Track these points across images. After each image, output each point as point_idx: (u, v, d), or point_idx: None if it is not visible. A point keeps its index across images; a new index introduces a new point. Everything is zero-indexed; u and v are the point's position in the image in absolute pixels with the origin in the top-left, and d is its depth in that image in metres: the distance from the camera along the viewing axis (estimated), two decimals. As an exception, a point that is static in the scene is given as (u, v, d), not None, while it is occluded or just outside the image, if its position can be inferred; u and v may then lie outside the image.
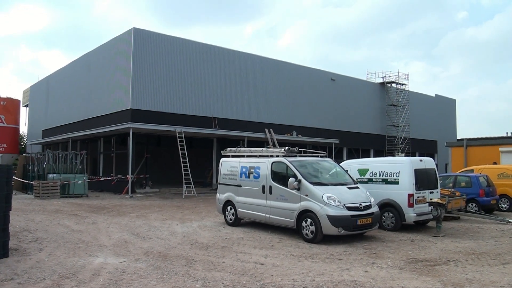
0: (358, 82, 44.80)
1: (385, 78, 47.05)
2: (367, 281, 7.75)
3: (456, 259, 9.79)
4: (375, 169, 14.55)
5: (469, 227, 15.10)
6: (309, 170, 12.80)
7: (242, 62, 34.64)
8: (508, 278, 8.20)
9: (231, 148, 15.86)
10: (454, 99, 58.66)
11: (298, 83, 38.17)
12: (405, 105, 46.00)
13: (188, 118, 30.18)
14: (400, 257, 9.88)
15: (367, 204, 11.99)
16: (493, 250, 11.02)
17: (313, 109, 39.10)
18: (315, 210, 11.48)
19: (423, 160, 14.62)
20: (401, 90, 47.01)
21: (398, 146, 44.85)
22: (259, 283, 7.56)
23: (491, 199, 18.89)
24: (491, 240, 12.45)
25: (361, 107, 44.02)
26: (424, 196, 13.78)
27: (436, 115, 52.80)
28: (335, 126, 40.41)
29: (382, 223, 13.60)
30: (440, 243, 11.81)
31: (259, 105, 35.08)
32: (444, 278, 8.15)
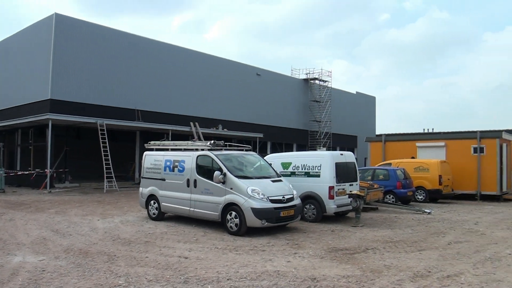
0: (283, 78, 45.53)
1: (309, 74, 48.13)
2: (289, 271, 7.97)
3: (374, 247, 10.30)
4: (297, 162, 14.92)
5: (387, 217, 15.88)
6: (234, 164, 12.90)
7: (168, 54, 34.14)
8: (424, 264, 8.75)
9: (155, 141, 15.66)
10: (374, 96, 61.07)
11: (224, 77, 38.18)
12: (327, 101, 47.30)
13: (111, 110, 29.26)
14: (321, 247, 10.24)
15: (290, 197, 12.29)
16: (410, 238, 11.68)
17: (239, 104, 39.32)
18: (240, 203, 11.62)
19: (344, 154, 15.21)
20: (324, 86, 48.27)
21: (320, 141, 46.08)
22: (183, 276, 7.58)
23: (407, 191, 19.92)
24: (407, 229, 13.19)
25: (285, 103, 44.77)
26: (344, 189, 14.34)
27: (356, 111, 54.73)
28: (260, 121, 40.85)
29: (304, 214, 14.02)
30: (359, 233, 12.36)
31: (184, 98, 34.74)
32: (363, 265, 8.56)
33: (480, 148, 23.59)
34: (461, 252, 10.02)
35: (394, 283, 7.32)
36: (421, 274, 7.96)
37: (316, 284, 7.17)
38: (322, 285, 7.12)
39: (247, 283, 7.18)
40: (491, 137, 24.10)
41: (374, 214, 16.58)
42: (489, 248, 10.49)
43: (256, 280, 7.40)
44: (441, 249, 10.31)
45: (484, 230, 13.30)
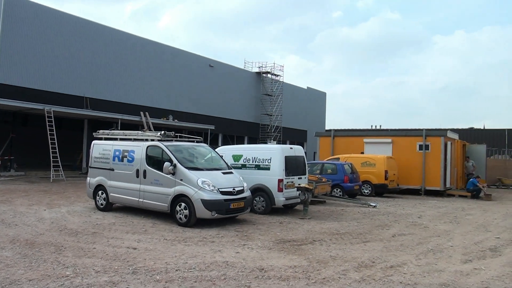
0: (236, 70, 45.55)
1: (262, 68, 48.36)
2: (238, 262, 8.05)
3: (321, 239, 10.53)
4: (248, 155, 15.01)
5: (334, 210, 16.23)
6: (185, 155, 12.84)
7: (120, 41, 33.44)
8: (368, 255, 9.03)
9: (104, 130, 15.35)
10: (324, 92, 62.03)
11: (176, 67, 37.80)
12: (278, 95, 47.69)
13: (58, 97, 28.35)
14: (270, 238, 10.38)
15: (240, 189, 12.36)
16: (355, 230, 12.01)
17: (191, 95, 39.04)
18: (190, 195, 11.58)
19: (293, 148, 15.43)
20: (276, 80, 48.61)
21: (271, 134, 46.45)
22: (132, 267, 7.51)
23: (354, 185, 20.42)
24: (353, 222, 13.54)
25: (238, 95, 44.85)
26: (293, 182, 14.55)
27: (307, 106, 55.46)
28: (211, 112, 40.74)
29: (253, 206, 14.15)
30: (306, 225, 12.59)
31: (135, 87, 34.16)
32: (310, 256, 8.75)
33: (426, 146, 24.44)
34: (404, 244, 10.38)
35: (339, 273, 7.52)
36: (365, 264, 8.22)
37: (264, 274, 7.28)
38: (269, 275, 7.23)
39: (196, 274, 7.20)
40: (436, 135, 25.03)
41: (322, 207, 16.91)
42: (431, 241, 10.93)
43: (205, 270, 7.43)
44: (385, 241, 10.66)
45: (427, 223, 13.82)
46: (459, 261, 8.89)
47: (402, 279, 7.36)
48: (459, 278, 7.57)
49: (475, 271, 8.08)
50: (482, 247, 10.37)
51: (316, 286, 6.78)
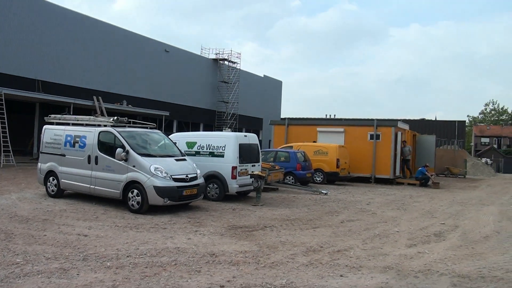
0: (192, 56, 45.15)
1: (219, 55, 48.11)
2: (189, 248, 8.14)
3: (272, 225, 10.75)
4: (202, 142, 15.06)
5: (286, 197, 16.53)
6: (138, 141, 12.75)
7: (73, 22, 32.40)
8: (317, 240, 9.32)
9: (56, 115, 15.03)
10: (280, 81, 62.34)
11: (131, 51, 37.06)
12: (235, 83, 47.67)
13: (9, 79, 27.32)
14: (222, 225, 10.52)
15: (193, 176, 12.41)
16: (306, 216, 12.31)
17: (146, 80, 38.44)
18: (142, 181, 11.55)
19: (248, 136, 15.58)
20: (233, 68, 48.52)
21: (227, 122, 46.44)
22: (82, 254, 7.48)
23: (306, 172, 20.78)
24: (304, 208, 13.86)
25: (194, 81, 44.50)
26: (247, 169, 14.74)
27: (263, 94, 55.67)
28: (167, 98, 40.27)
29: (207, 193, 14.25)
30: (259, 211, 12.81)
31: (88, 71, 33.31)
32: (260, 241, 8.95)
33: (377, 135, 25.10)
34: (352, 229, 10.75)
35: (288, 257, 7.75)
36: (313, 249, 8.49)
37: (215, 260, 7.41)
38: (220, 260, 7.37)
39: (147, 260, 7.25)
40: (387, 125, 25.74)
41: (274, 194, 17.19)
42: (378, 226, 11.35)
43: (156, 256, 7.50)
44: (334, 226, 11.00)
45: (375, 210, 14.30)
46: (404, 245, 9.29)
47: (348, 262, 7.65)
48: (403, 261, 7.92)
49: (419, 255, 8.47)
50: (427, 232, 10.85)
51: (265, 270, 6.97)
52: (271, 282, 6.34)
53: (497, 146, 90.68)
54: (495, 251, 9.11)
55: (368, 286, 6.40)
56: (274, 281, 6.40)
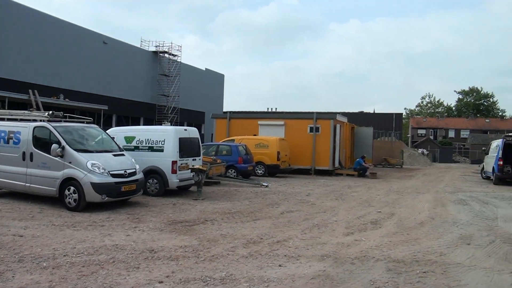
0: (132, 48, 44.15)
1: (159, 47, 47.33)
2: (128, 244, 8.04)
3: (213, 219, 10.78)
4: (141, 137, 14.84)
5: (227, 190, 16.59)
6: (74, 137, 12.38)
7: (6, 11, 30.81)
8: (257, 231, 9.44)
9: (-13, 111, 14.38)
10: (222, 74, 62.16)
11: (68, 42, 35.64)
12: (176, 76, 47.07)
13: None
14: (162, 220, 10.44)
15: (132, 171, 12.23)
16: (247, 209, 12.42)
17: (84, 73, 37.17)
18: (79, 178, 11.26)
19: (188, 130, 15.49)
20: (174, 61, 47.89)
21: (167, 116, 45.84)
22: (18, 255, 7.21)
23: (248, 165, 20.94)
24: (245, 201, 13.98)
25: (133, 74, 43.54)
26: (187, 163, 14.66)
27: (205, 88, 55.30)
28: (105, 92, 39.13)
29: (147, 189, 14.07)
30: (200, 206, 12.80)
31: (22, 62, 31.79)
32: (201, 235, 8.96)
33: (316, 128, 25.61)
34: (292, 220, 10.95)
35: (228, 250, 7.81)
36: (253, 241, 8.60)
37: (154, 255, 7.36)
38: (159, 256, 7.33)
39: (84, 258, 7.11)
40: (326, 118, 26.33)
41: (216, 188, 17.22)
42: (317, 216, 11.62)
43: (93, 255, 7.35)
44: (274, 218, 11.16)
45: (314, 200, 14.61)
46: (341, 234, 9.57)
47: (287, 252, 7.80)
48: (340, 249, 8.17)
49: (356, 242, 8.77)
50: (364, 220, 11.23)
51: (205, 263, 6.99)
52: (210, 275, 6.38)
53: (433, 137, 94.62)
54: (430, 236, 9.57)
55: (306, 275, 6.55)
56: (213, 274, 6.44)
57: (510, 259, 7.79)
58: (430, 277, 6.68)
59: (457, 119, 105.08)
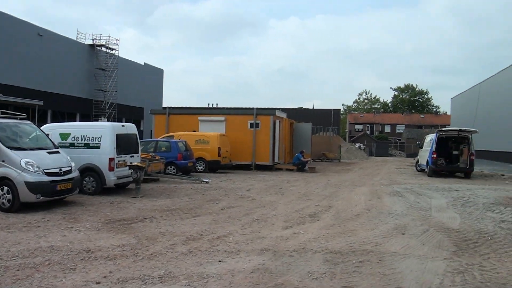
0: (68, 41, 42.69)
1: (96, 40, 46.10)
2: (64, 245, 7.83)
3: (152, 216, 10.68)
4: (77, 133, 14.43)
5: (167, 187, 16.46)
6: (7, 134, 11.86)
7: None
8: (197, 228, 9.43)
9: None
10: (162, 69, 61.37)
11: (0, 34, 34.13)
12: (114, 70, 46.01)
13: None
14: (99, 219, 10.23)
15: (68, 169, 11.90)
16: (186, 206, 12.37)
17: (17, 66, 35.58)
18: (12, 177, 10.83)
19: (125, 126, 15.25)
20: (111, 54, 46.79)
21: (105, 111, 44.80)
22: None
23: (188, 162, 20.85)
24: (185, 198, 13.92)
25: (69, 68, 42.12)
26: (125, 160, 14.42)
27: (144, 83, 54.38)
28: (40, 87, 37.59)
29: (83, 187, 13.74)
30: (138, 203, 12.63)
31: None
32: (139, 233, 8.85)
33: (256, 124, 25.82)
34: (232, 215, 11.02)
35: (167, 248, 7.77)
36: (193, 237, 8.59)
37: (91, 256, 7.22)
38: (96, 256, 7.19)
39: (19, 262, 6.86)
40: (266, 114, 26.66)
41: (155, 185, 17.05)
42: (257, 211, 11.74)
43: (28, 257, 7.11)
44: (214, 214, 11.20)
45: (254, 195, 14.75)
46: (280, 227, 9.73)
47: (227, 247, 7.86)
48: (279, 242, 8.32)
49: (294, 235, 8.94)
50: (302, 214, 11.45)
51: (143, 262, 6.93)
52: (149, 274, 6.33)
53: (370, 132, 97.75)
54: (366, 227, 9.90)
55: (246, 269, 6.63)
56: (152, 273, 6.40)
57: (443, 247, 8.19)
58: (366, 266, 6.91)
59: (393, 115, 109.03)
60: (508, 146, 40.38)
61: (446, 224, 10.27)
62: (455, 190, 16.28)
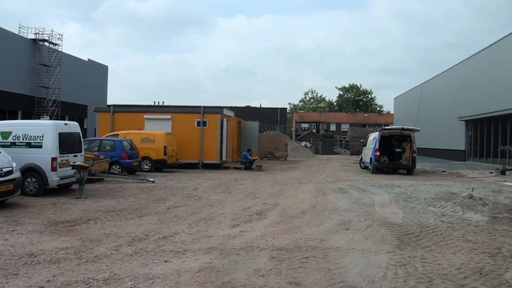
0: (9, 34, 40.78)
1: (38, 35, 44.37)
2: (5, 249, 7.56)
3: (96, 217, 10.47)
4: (18, 132, 13.94)
5: (111, 187, 16.19)
6: None
7: None
8: (143, 228, 9.34)
9: None
10: (106, 65, 59.87)
11: None
12: (57, 67, 44.51)
13: None
14: (41, 222, 9.94)
15: (9, 170, 11.50)
16: (132, 206, 12.21)
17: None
18: None
19: (68, 124, 14.87)
20: (54, 50, 45.24)
21: (48, 109, 43.30)
22: None
23: (133, 161, 20.57)
24: (130, 198, 13.75)
25: (10, 63, 40.21)
26: (68, 160, 14.09)
27: (88, 79, 52.96)
28: (-22, 83, 36.09)
29: (25, 188, 13.30)
30: (82, 204, 12.36)
31: None
32: (83, 235, 8.66)
33: (203, 122, 25.77)
34: (178, 215, 10.98)
35: (112, 249, 7.66)
36: (139, 238, 8.50)
37: (33, 260, 7.01)
38: (39, 260, 7.00)
39: (-44, 269, 6.60)
40: (214, 112, 26.67)
41: (100, 185, 16.74)
42: (204, 210, 11.75)
43: (-34, 265, 6.85)
44: (160, 214, 11.11)
45: (202, 194, 14.75)
46: (227, 226, 9.78)
47: (173, 247, 7.83)
48: (226, 241, 8.36)
49: (241, 234, 9.01)
50: (249, 212, 11.54)
51: (87, 265, 6.80)
52: (93, 277, 6.23)
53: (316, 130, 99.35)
54: (311, 223, 10.10)
55: (192, 268, 6.64)
56: (96, 275, 6.29)
57: (386, 241, 8.46)
58: (311, 262, 7.06)
59: (338, 114, 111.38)
60: (448, 143, 42.18)
61: (389, 219, 10.61)
62: (397, 186, 16.82)
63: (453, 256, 7.50)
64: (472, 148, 38.38)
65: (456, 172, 25.59)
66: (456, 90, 41.42)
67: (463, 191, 14.12)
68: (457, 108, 39.73)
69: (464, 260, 7.24)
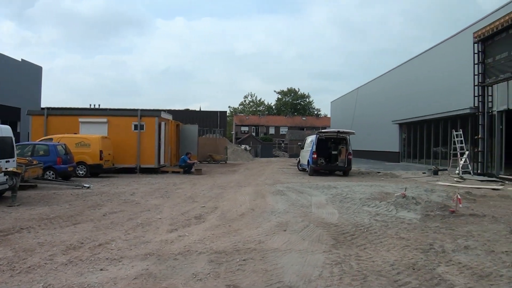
0: None
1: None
2: None
3: (29, 226, 10.10)
4: None
5: (45, 194, 15.67)
6: None
7: None
8: (78, 236, 9.09)
9: None
10: (40, 66, 57.65)
11: None
12: (-14, 67, 42.62)
13: None
14: (-29, 232, 9.52)
15: None
16: (66, 213, 11.86)
17: None
18: None
19: (0, 128, 14.30)
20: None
21: (-24, 112, 41.39)
22: None
23: (68, 166, 20.04)
24: (65, 204, 13.35)
25: None
26: (0, 166, 13.52)
27: (21, 81, 50.82)
28: None
29: (-49, 196, 12.68)
30: (15, 213, 11.89)
31: None
32: (16, 245, 8.33)
33: (141, 126, 25.44)
34: (115, 221, 10.78)
35: (46, 259, 7.43)
36: (73, 246, 8.28)
37: (-40, 272, 6.73)
38: (-33, 272, 6.72)
39: None
40: (151, 115, 26.38)
41: (33, 192, 16.16)
42: (141, 215, 11.60)
43: None
44: (96, 220, 10.86)
45: (139, 199, 14.55)
46: (165, 231, 9.71)
47: (109, 255, 7.69)
48: (164, 246, 8.31)
49: (180, 238, 8.97)
50: (188, 216, 11.51)
51: (21, 276, 6.58)
52: (26, 288, 6.06)
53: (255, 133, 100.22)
54: (250, 226, 10.21)
55: (128, 276, 6.56)
56: (30, 287, 6.11)
57: (322, 241, 8.69)
58: (249, 264, 7.15)
59: (277, 117, 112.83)
60: (383, 145, 43.70)
61: (325, 219, 10.89)
62: (334, 188, 17.25)
63: (387, 253, 7.81)
64: (405, 150, 39.99)
65: (390, 173, 26.60)
66: (390, 95, 43.04)
67: (397, 191, 14.71)
68: (391, 112, 41.27)
69: (398, 257, 7.56)
